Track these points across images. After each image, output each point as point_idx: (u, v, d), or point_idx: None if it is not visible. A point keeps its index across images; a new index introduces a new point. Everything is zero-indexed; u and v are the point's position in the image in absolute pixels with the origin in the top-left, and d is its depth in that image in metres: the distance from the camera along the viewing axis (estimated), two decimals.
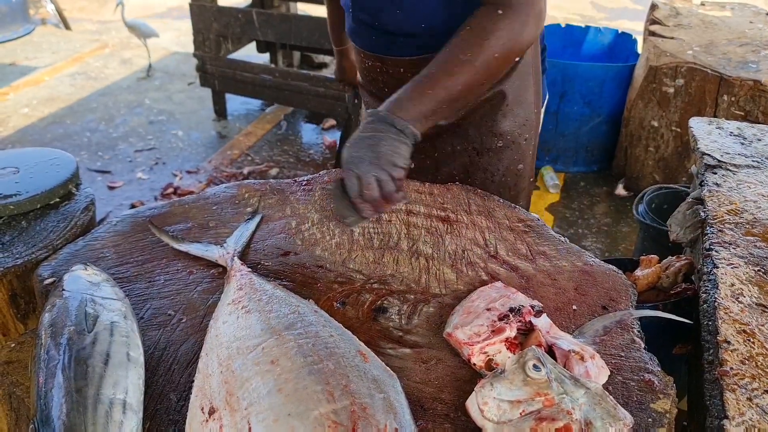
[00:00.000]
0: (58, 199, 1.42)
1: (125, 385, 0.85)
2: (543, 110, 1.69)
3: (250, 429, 0.77)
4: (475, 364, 0.98)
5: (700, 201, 1.48)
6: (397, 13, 1.40)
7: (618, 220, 3.44)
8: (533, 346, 0.92)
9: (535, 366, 0.87)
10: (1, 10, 5.85)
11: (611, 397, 0.88)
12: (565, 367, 0.95)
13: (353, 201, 1.17)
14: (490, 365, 0.97)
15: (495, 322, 1.01)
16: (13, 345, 1.02)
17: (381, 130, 1.20)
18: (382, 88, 1.57)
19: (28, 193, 1.38)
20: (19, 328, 1.25)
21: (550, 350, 0.98)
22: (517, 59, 1.37)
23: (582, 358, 0.95)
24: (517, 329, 1.00)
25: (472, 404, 0.87)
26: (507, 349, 0.99)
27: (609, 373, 0.96)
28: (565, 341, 0.98)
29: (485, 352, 0.98)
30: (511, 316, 1.01)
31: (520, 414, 0.84)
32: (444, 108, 1.28)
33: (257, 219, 1.32)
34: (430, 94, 1.24)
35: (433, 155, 1.59)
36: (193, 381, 0.89)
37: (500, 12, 1.25)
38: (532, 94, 1.57)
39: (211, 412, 0.82)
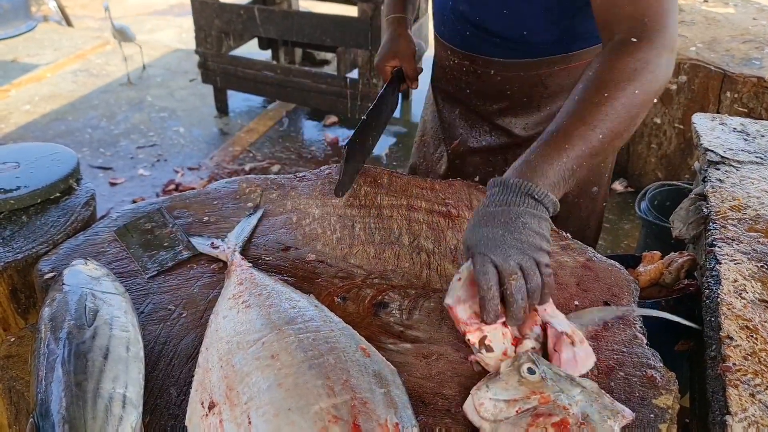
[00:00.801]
0: (58, 194, 1.42)
1: (125, 380, 0.85)
2: None
3: (250, 423, 0.77)
4: (469, 340, 0.94)
5: (703, 197, 1.47)
6: (504, 13, 1.33)
7: (620, 217, 3.43)
8: (528, 351, 0.93)
9: (529, 369, 0.88)
10: (3, 7, 5.85)
11: (608, 395, 0.88)
12: (554, 348, 0.94)
13: (483, 299, 0.92)
14: (483, 342, 0.93)
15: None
16: (13, 339, 1.02)
17: (515, 203, 0.96)
18: (464, 89, 1.53)
19: (28, 188, 1.38)
20: (19, 323, 1.25)
21: (544, 329, 0.97)
22: (657, 96, 1.12)
23: (572, 342, 0.94)
24: None
25: (468, 406, 0.87)
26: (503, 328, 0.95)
27: (595, 360, 0.95)
28: (560, 322, 0.97)
29: (481, 330, 0.94)
30: None
31: (517, 412, 0.84)
32: (584, 165, 1.02)
33: (259, 214, 1.32)
34: (568, 150, 1.00)
35: (503, 170, 1.50)
36: (193, 375, 0.89)
37: (634, 40, 1.06)
38: None
39: (211, 406, 0.82)
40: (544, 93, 1.47)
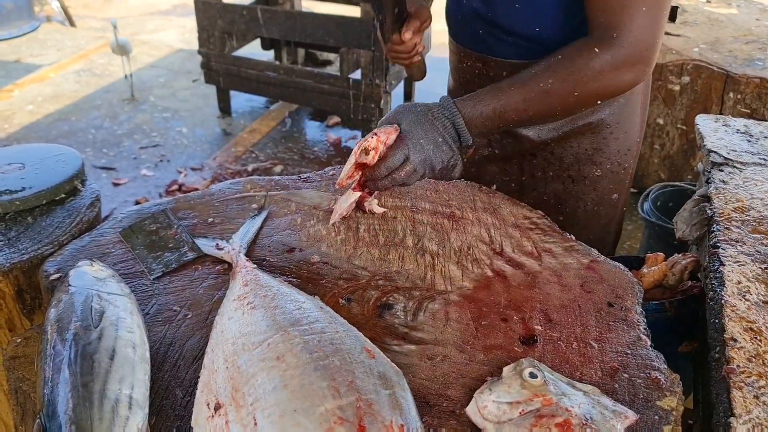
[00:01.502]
0: (63, 195, 1.42)
1: (131, 381, 0.85)
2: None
3: (255, 424, 0.77)
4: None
5: (706, 198, 1.47)
6: (516, 8, 1.33)
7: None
8: (528, 357, 0.95)
9: (531, 374, 0.89)
10: (6, 7, 5.86)
11: (609, 398, 0.89)
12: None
13: (376, 165, 1.20)
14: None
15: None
16: (19, 340, 1.02)
17: (444, 124, 1.22)
18: None
19: (33, 189, 1.38)
20: (25, 324, 1.26)
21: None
22: (599, 102, 1.32)
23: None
24: None
25: (471, 409, 0.88)
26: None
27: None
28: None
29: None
30: None
31: (520, 413, 0.84)
32: (509, 125, 1.28)
33: (263, 215, 1.32)
34: (501, 108, 1.23)
35: (520, 178, 1.54)
36: (198, 377, 0.89)
37: (596, 50, 1.19)
38: (638, 123, 1.51)
39: (217, 407, 0.82)
40: None
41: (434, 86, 2.87)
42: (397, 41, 1.48)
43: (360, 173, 1.24)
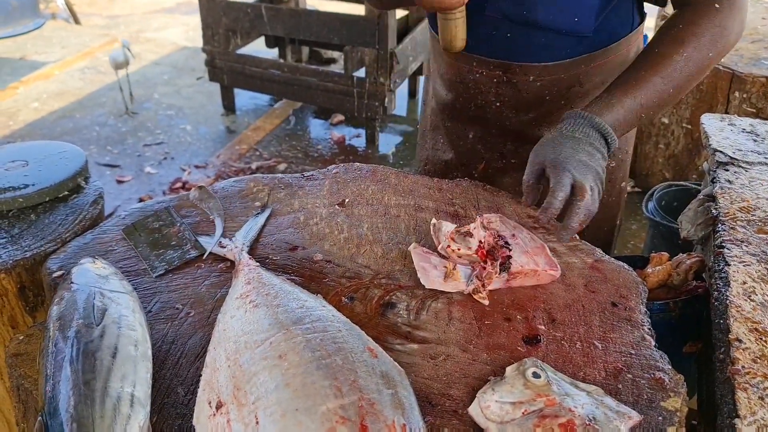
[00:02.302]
0: (66, 192, 1.42)
1: (133, 379, 0.85)
2: None
3: (257, 423, 0.77)
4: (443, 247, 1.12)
5: (711, 198, 1.46)
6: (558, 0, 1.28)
7: (627, 218, 3.42)
8: (531, 357, 0.95)
9: (534, 374, 0.89)
10: (11, 5, 5.88)
11: (613, 398, 0.88)
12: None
13: (551, 201, 1.10)
14: (453, 251, 1.12)
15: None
16: (21, 338, 1.02)
17: (593, 137, 1.14)
18: (492, 102, 1.44)
19: (36, 186, 1.38)
20: (27, 321, 1.26)
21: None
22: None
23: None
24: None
25: (474, 409, 0.88)
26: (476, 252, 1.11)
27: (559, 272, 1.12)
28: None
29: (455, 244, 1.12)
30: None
31: (523, 413, 0.84)
32: (650, 114, 1.19)
33: (266, 213, 1.32)
34: (641, 97, 1.16)
35: (510, 161, 1.52)
36: (200, 375, 0.89)
37: (717, 6, 1.16)
38: None
39: (219, 406, 0.82)
40: (579, 92, 1.42)
41: None
42: None
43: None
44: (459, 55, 1.44)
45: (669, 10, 1.34)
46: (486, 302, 1.09)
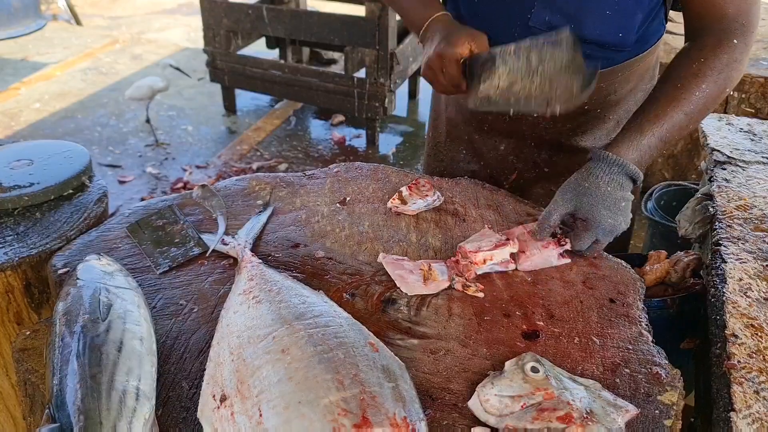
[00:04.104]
0: (71, 191, 1.43)
1: (138, 373, 0.86)
2: None
3: (261, 416, 0.78)
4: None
5: (709, 197, 1.48)
6: (607, 14, 1.26)
7: None
8: (531, 352, 0.96)
9: (533, 368, 0.90)
10: (13, 6, 5.89)
11: (610, 392, 0.90)
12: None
13: (567, 233, 1.21)
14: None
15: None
16: (28, 333, 1.04)
17: (625, 187, 1.19)
18: (528, 115, 1.42)
19: (41, 185, 1.40)
20: (33, 318, 1.27)
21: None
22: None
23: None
24: None
25: (474, 402, 0.89)
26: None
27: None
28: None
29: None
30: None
31: (521, 407, 0.85)
32: (668, 143, 1.22)
33: (269, 211, 1.33)
34: (664, 136, 1.19)
35: (544, 170, 1.52)
36: (204, 369, 0.91)
37: (735, 41, 1.20)
38: None
39: (223, 399, 0.83)
40: (613, 100, 1.44)
41: None
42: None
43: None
44: None
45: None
46: (481, 295, 1.11)
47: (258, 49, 4.99)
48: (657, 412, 0.90)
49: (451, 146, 1.65)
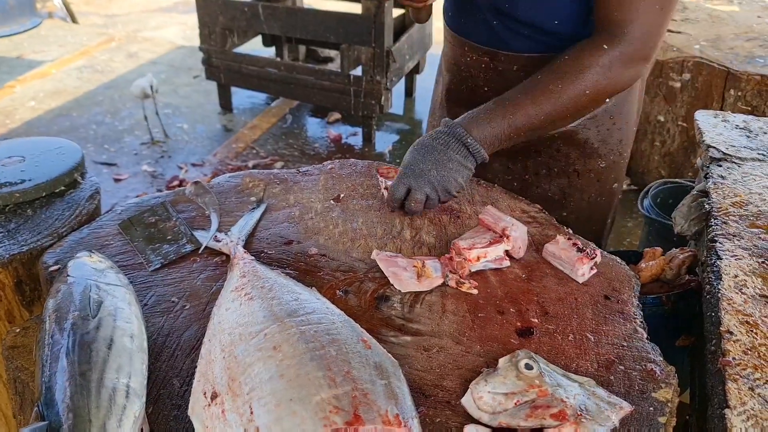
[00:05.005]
0: (63, 188, 1.42)
1: (129, 370, 0.86)
2: None
3: (252, 413, 0.77)
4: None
5: (705, 193, 1.47)
6: (539, 0, 1.31)
7: (623, 215, 3.43)
8: (525, 349, 0.95)
9: (527, 365, 0.90)
10: (8, 3, 5.87)
11: (605, 389, 0.89)
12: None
13: (388, 202, 1.31)
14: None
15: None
16: (18, 330, 1.03)
17: (452, 148, 1.23)
18: (481, 87, 1.48)
19: (33, 182, 1.39)
20: (24, 315, 1.26)
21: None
22: (607, 100, 1.33)
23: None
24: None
25: (467, 399, 0.88)
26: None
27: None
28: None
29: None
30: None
31: (515, 404, 0.85)
32: (521, 135, 1.27)
33: (262, 208, 1.33)
34: (510, 119, 1.24)
35: (523, 177, 1.53)
36: (195, 366, 0.90)
37: (605, 47, 1.21)
38: (635, 111, 1.51)
39: (214, 396, 0.82)
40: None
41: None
42: None
43: None
44: (458, 38, 1.50)
45: None
46: (475, 292, 1.10)
47: (254, 47, 4.98)
48: (651, 409, 0.90)
49: (440, 113, 1.68)
